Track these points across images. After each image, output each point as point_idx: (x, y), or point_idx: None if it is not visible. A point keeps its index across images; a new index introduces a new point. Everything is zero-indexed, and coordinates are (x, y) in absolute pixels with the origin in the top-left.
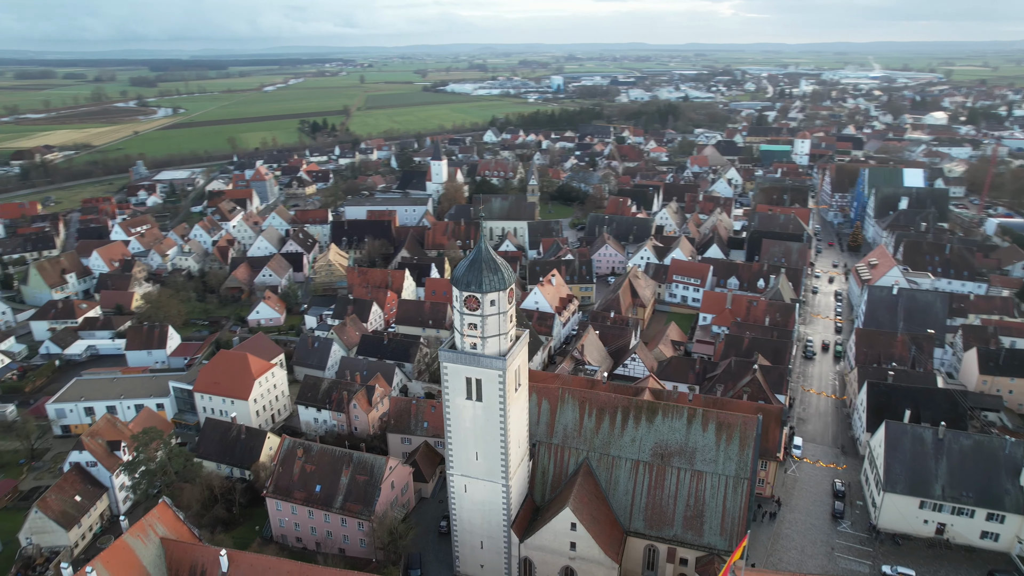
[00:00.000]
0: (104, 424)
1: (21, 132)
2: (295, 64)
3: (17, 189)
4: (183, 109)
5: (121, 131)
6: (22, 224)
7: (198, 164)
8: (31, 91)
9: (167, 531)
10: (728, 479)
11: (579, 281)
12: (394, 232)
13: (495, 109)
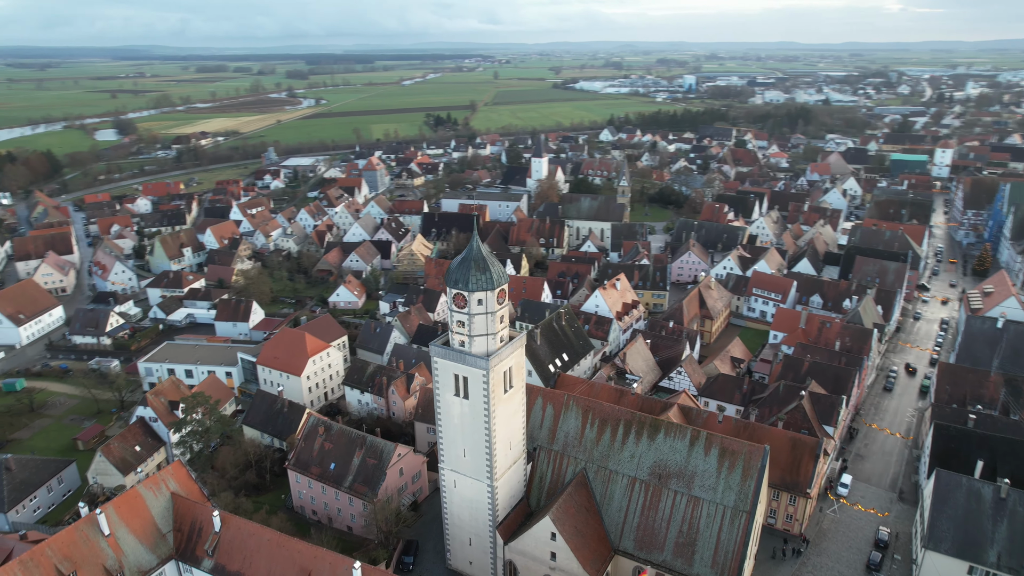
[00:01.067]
0: (168, 385)
1: (187, 119)
2: (437, 59)
3: (171, 170)
4: (324, 100)
5: (267, 120)
6: (164, 201)
7: (324, 152)
8: (205, 83)
9: (178, 487)
10: (726, 509)
11: (652, 287)
12: (481, 226)
13: (619, 108)
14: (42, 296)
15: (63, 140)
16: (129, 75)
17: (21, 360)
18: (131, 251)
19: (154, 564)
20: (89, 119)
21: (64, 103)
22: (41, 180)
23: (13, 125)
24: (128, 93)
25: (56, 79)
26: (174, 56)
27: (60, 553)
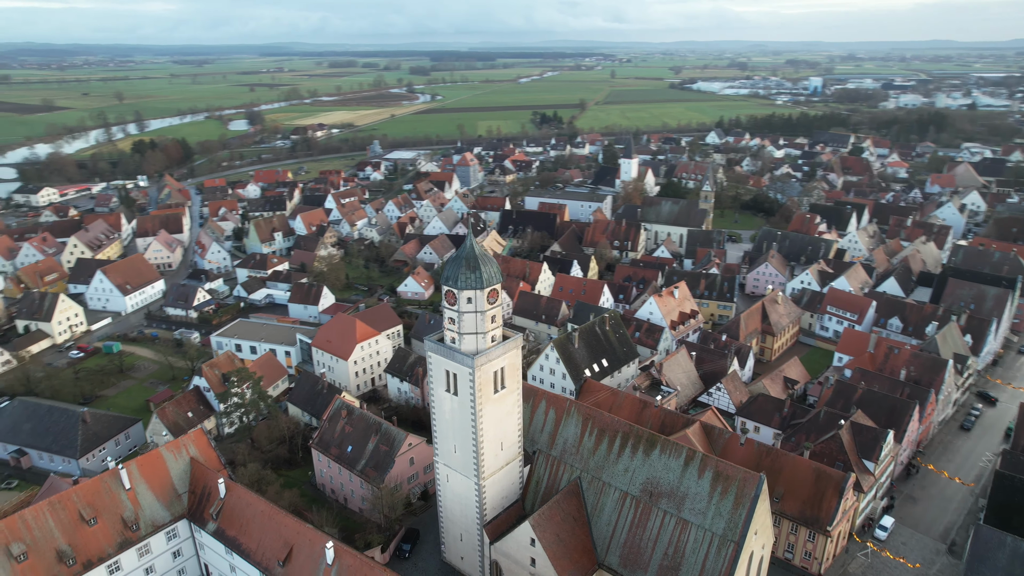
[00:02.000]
0: (224, 358)
1: (311, 111)
2: (558, 58)
3: (285, 159)
4: (440, 96)
5: (382, 114)
6: (271, 188)
7: (427, 147)
8: (334, 78)
9: (198, 453)
10: (714, 536)
11: (718, 298)
12: (558, 225)
13: (733, 110)
14: (148, 270)
15: (201, 129)
16: (270, 70)
17: (123, 326)
18: (231, 233)
19: (167, 520)
20: (227, 111)
21: (210, 96)
22: (174, 165)
23: (165, 116)
24: (265, 87)
25: (209, 74)
26: (312, 52)
27: (84, 500)
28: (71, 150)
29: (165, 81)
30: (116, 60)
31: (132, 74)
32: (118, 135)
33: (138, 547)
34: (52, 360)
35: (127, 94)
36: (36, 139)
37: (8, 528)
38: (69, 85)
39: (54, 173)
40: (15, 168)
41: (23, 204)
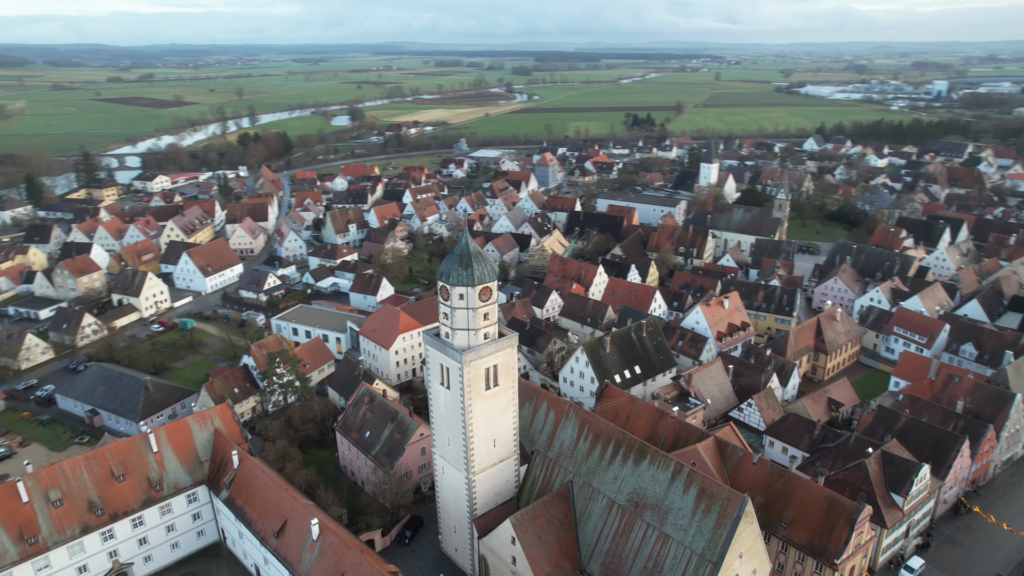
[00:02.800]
0: (272, 340)
1: (410, 109)
2: (663, 59)
3: (377, 154)
4: (537, 96)
5: (476, 113)
6: (357, 182)
7: (513, 146)
8: (438, 76)
9: (222, 425)
10: (693, 555)
11: (776, 311)
12: (624, 229)
13: (840, 115)
14: (228, 254)
15: (306, 124)
16: (379, 68)
17: (202, 305)
18: (311, 223)
19: (188, 485)
20: (333, 107)
21: (320, 92)
22: (274, 157)
23: (276, 110)
24: (371, 84)
25: (323, 72)
26: (421, 51)
27: (116, 457)
28: (190, 141)
29: (282, 78)
30: (244, 59)
31: (255, 72)
32: (232, 128)
33: (160, 506)
34: (136, 332)
35: (247, 90)
36: (163, 131)
37: (48, 476)
38: (200, 82)
39: (171, 162)
40: (140, 157)
41: (140, 190)
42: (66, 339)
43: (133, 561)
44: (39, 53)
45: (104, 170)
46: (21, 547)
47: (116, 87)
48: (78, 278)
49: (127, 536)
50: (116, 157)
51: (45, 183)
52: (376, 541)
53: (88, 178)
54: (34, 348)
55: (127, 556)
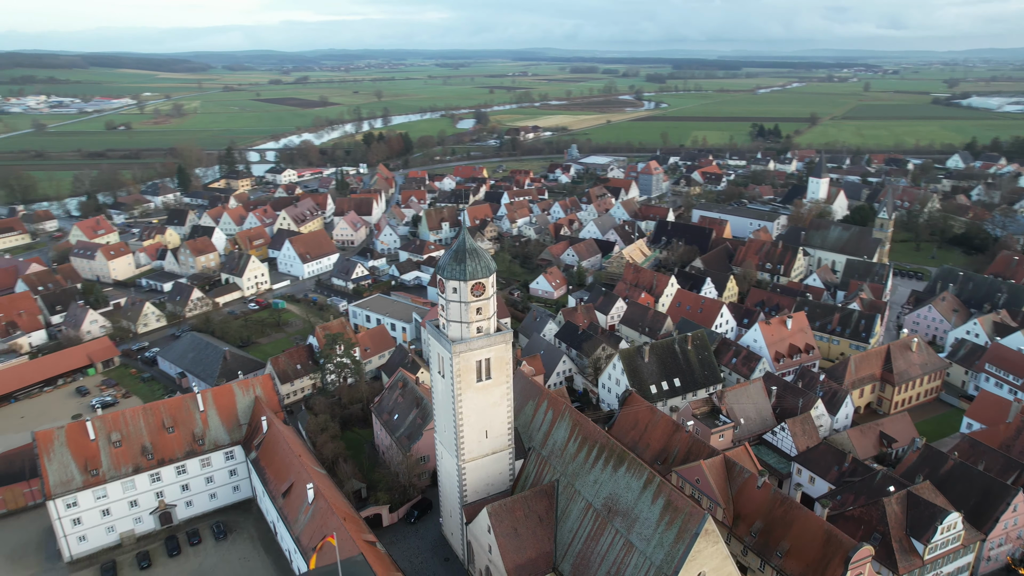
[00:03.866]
0: (336, 323)
1: (534, 114)
2: (810, 68)
3: (491, 156)
4: (665, 104)
5: (599, 119)
6: (463, 183)
7: (627, 154)
8: (570, 83)
9: (263, 394)
10: (652, 566)
11: (851, 336)
12: (713, 241)
13: (1003, 130)
14: (327, 243)
15: (432, 126)
16: (515, 74)
17: (297, 289)
18: (410, 220)
19: (227, 443)
20: (462, 110)
21: (453, 96)
22: (394, 156)
23: (408, 112)
24: (503, 89)
25: (460, 76)
26: (559, 58)
27: (168, 411)
28: (325, 139)
29: (422, 82)
30: (391, 63)
31: (398, 75)
32: (364, 128)
33: (201, 458)
34: (235, 308)
35: (386, 92)
36: (304, 129)
37: (112, 420)
38: (347, 84)
39: (302, 157)
40: (277, 152)
41: (270, 182)
42: (177, 310)
43: (176, 504)
44: (220, 59)
45: (243, 163)
46: (85, 476)
47: (274, 88)
48: (197, 257)
49: (172, 481)
50: (259, 151)
51: (197, 173)
52: (384, 516)
53: (228, 170)
54: (150, 315)
55: (171, 498)
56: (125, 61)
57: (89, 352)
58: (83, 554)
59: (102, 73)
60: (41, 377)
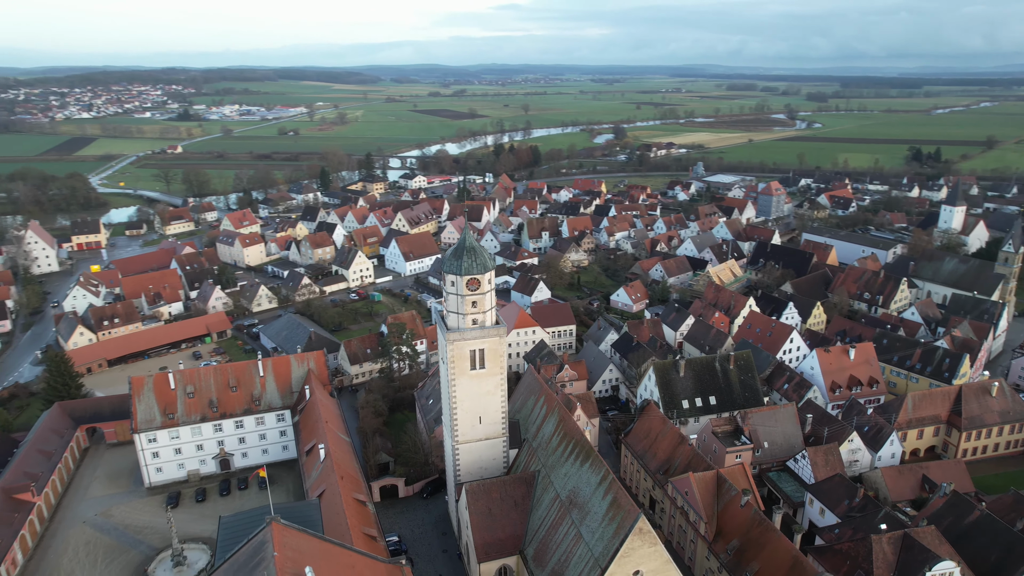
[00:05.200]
0: (406, 316)
1: (674, 131)
2: (1010, 85)
3: (617, 171)
4: (819, 124)
5: (739, 138)
6: (578, 195)
7: (758, 173)
8: (723, 100)
9: (315, 367)
10: (592, 559)
11: (932, 375)
12: (812, 265)
13: None
14: (430, 245)
15: (568, 139)
16: (668, 90)
17: (397, 284)
18: (515, 228)
19: (279, 406)
20: (603, 124)
21: (598, 111)
22: (522, 167)
23: (549, 126)
24: (650, 105)
25: (611, 92)
26: (719, 74)
27: (234, 373)
28: (463, 149)
29: (571, 97)
30: (548, 78)
31: (550, 90)
32: (504, 139)
33: (256, 416)
34: (339, 297)
35: (534, 106)
36: (448, 139)
37: (189, 375)
38: (499, 98)
39: (435, 165)
40: (416, 159)
41: (401, 187)
42: (287, 294)
43: (233, 453)
44: (390, 72)
45: (380, 168)
46: (164, 419)
47: (431, 100)
48: (315, 249)
49: (231, 433)
50: (401, 158)
51: (342, 175)
52: (400, 488)
53: (366, 174)
54: (263, 297)
55: (230, 448)
56: (308, 74)
57: (208, 323)
58: (158, 483)
59: (288, 85)
60: (169, 340)
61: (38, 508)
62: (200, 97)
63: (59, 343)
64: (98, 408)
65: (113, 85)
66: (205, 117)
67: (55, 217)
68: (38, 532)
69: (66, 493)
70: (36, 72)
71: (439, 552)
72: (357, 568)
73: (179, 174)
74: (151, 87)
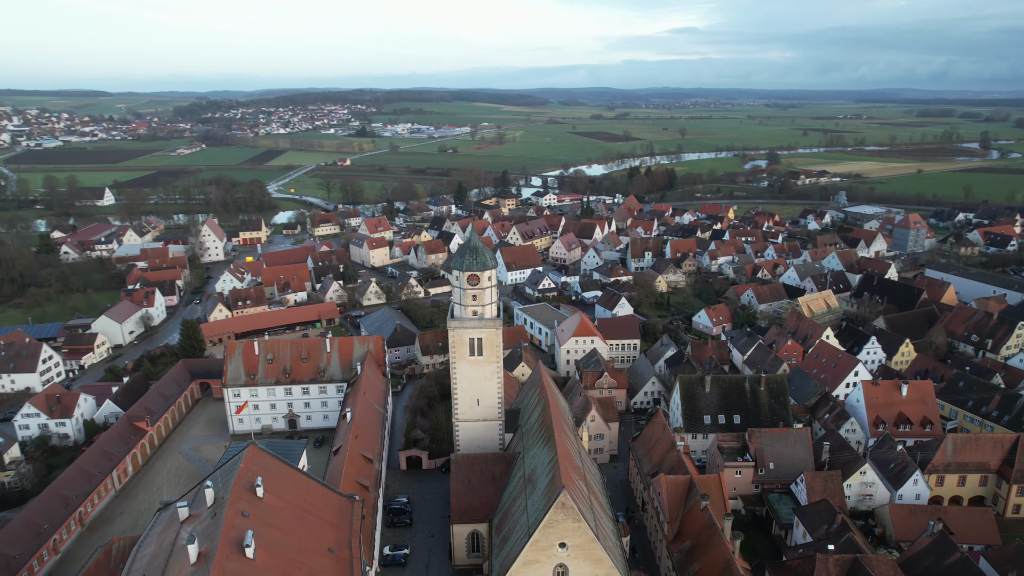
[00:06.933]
0: None
1: (834, 159)
2: None
3: (755, 198)
4: (1017, 154)
5: (907, 168)
6: (700, 219)
7: (907, 205)
8: (906, 127)
9: (374, 349)
10: (528, 528)
11: (1010, 425)
12: (921, 302)
13: None
14: (533, 257)
15: (717, 164)
16: (846, 116)
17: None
18: (624, 246)
19: (339, 379)
20: (759, 150)
21: (760, 137)
22: (655, 190)
23: (701, 150)
24: (818, 132)
25: (782, 117)
26: (914, 99)
27: (306, 348)
28: (609, 171)
29: (736, 122)
30: (719, 102)
31: (716, 115)
32: (650, 162)
33: (320, 386)
34: (440, 298)
35: (692, 131)
36: (595, 160)
37: (270, 345)
38: (660, 122)
39: (568, 185)
40: (555, 179)
41: (532, 203)
42: (395, 292)
43: (299, 415)
44: (559, 95)
45: (515, 185)
46: (247, 378)
47: (591, 123)
48: (429, 255)
49: (298, 397)
50: (542, 177)
51: (480, 191)
52: (424, 460)
53: (501, 190)
54: (372, 294)
55: (297, 410)
56: (481, 96)
57: (319, 311)
58: (239, 432)
59: (460, 105)
60: (286, 322)
61: (149, 436)
62: (379, 116)
63: (204, 317)
64: (211, 368)
65: (310, 104)
66: (379, 134)
67: (236, 216)
68: (147, 453)
69: (175, 429)
70: (254, 94)
71: (438, 517)
72: (310, 492)
73: (338, 183)
74: (340, 106)
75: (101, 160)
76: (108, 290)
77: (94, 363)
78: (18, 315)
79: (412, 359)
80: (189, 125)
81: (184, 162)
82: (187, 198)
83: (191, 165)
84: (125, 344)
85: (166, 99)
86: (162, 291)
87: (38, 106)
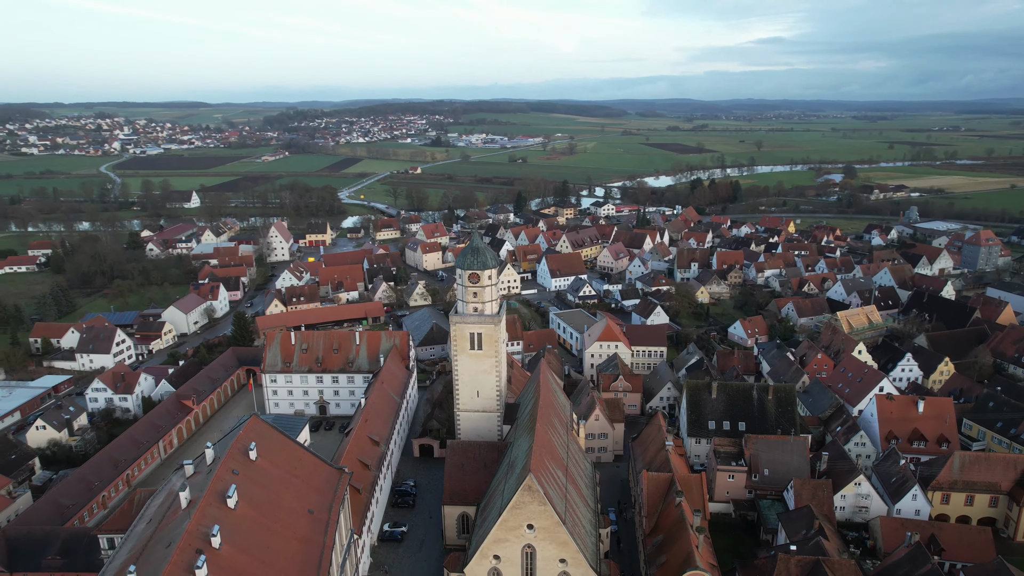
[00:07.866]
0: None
1: (919, 173)
2: None
3: (821, 212)
4: None
5: (999, 183)
6: (757, 232)
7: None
8: (1009, 140)
9: (399, 343)
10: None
11: (1014, 438)
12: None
13: None
14: (578, 265)
15: (789, 177)
16: (942, 128)
17: (539, 297)
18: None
19: (366, 370)
20: (837, 164)
21: (841, 150)
22: (718, 202)
23: (777, 163)
24: (906, 144)
25: (869, 130)
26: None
27: (338, 340)
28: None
29: (819, 135)
30: (804, 114)
31: (799, 127)
32: (719, 174)
33: (348, 375)
34: None
35: (769, 143)
36: (663, 172)
37: (305, 335)
38: (739, 134)
39: (630, 196)
40: (618, 189)
41: (591, 213)
42: (440, 295)
43: (329, 402)
44: (639, 106)
45: (583, 194)
46: (283, 365)
47: (666, 134)
48: None
49: (328, 385)
50: (606, 187)
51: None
52: (435, 448)
53: (559, 200)
54: (418, 295)
55: (327, 397)
56: (558, 107)
57: (366, 309)
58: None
59: (536, 117)
60: (334, 319)
61: (194, 413)
62: (455, 126)
63: (262, 310)
64: (257, 356)
65: (390, 115)
66: (453, 144)
67: (306, 219)
68: (192, 429)
69: (219, 410)
70: (340, 104)
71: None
72: (302, 461)
73: (404, 191)
74: (418, 116)
75: (193, 166)
76: (182, 284)
77: (160, 348)
78: (104, 304)
79: (444, 357)
80: (276, 133)
81: (267, 168)
82: (264, 202)
83: (272, 171)
84: (190, 333)
85: (259, 109)
86: (227, 286)
87: (146, 117)
